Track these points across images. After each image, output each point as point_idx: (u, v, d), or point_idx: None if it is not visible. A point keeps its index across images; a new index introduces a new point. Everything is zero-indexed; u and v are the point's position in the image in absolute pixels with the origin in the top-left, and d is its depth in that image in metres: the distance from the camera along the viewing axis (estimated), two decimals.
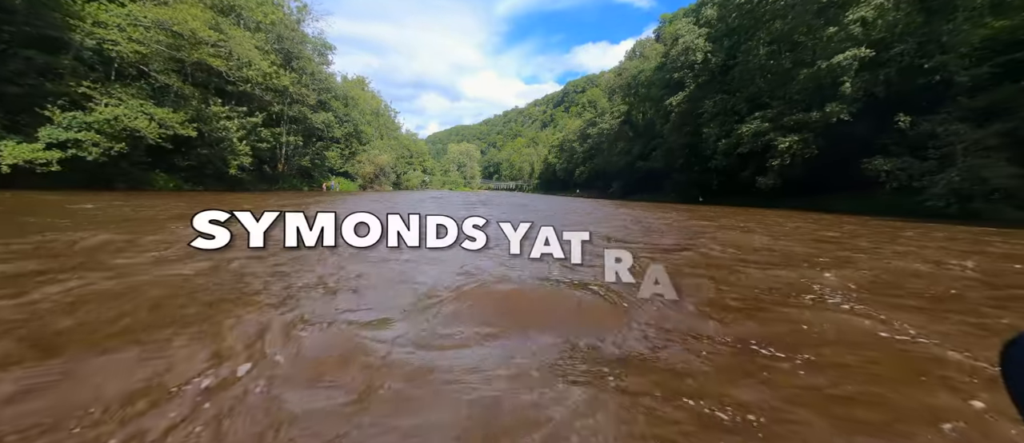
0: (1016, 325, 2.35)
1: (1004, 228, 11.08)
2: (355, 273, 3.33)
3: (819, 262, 4.49)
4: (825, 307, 2.76)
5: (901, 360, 1.92)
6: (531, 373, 1.71)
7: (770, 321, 2.46)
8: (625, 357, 1.93)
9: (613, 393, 1.56)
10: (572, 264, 3.25)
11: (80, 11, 14.63)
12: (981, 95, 17.98)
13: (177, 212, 8.39)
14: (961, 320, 2.47)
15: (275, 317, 2.44)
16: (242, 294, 2.82)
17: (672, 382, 1.65)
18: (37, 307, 2.31)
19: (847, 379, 1.69)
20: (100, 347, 1.83)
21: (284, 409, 1.37)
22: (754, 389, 1.59)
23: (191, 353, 1.79)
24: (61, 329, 2.03)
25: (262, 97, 25.54)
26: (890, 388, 1.63)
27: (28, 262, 3.36)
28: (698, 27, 31.61)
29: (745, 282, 3.40)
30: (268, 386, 1.52)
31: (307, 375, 1.65)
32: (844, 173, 22.40)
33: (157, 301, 2.57)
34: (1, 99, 13.20)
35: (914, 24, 20.98)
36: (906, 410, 1.47)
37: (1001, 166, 15.95)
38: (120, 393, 1.42)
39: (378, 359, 1.80)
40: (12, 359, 1.66)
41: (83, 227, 5.49)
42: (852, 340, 2.17)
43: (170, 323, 2.20)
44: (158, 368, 1.62)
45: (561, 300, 2.78)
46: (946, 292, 3.27)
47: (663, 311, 2.65)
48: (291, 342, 2.02)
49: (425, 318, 2.50)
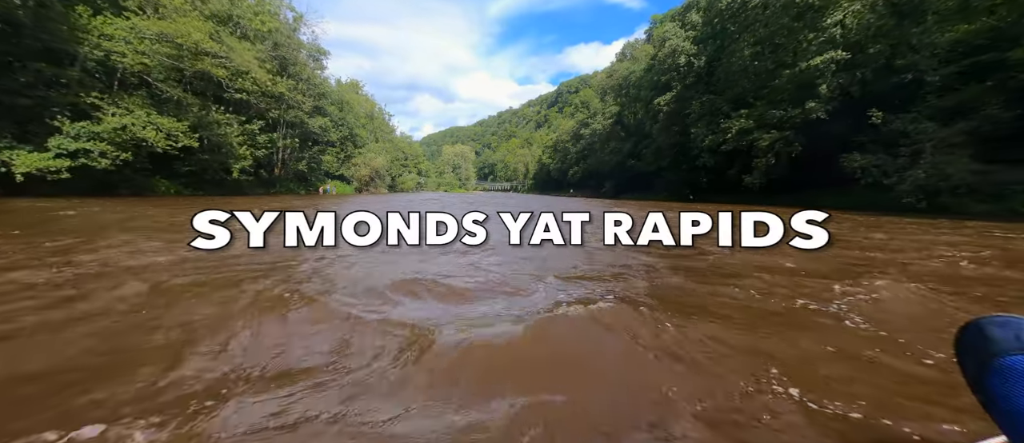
0: (971, 311, 2.42)
1: (967, 220, 12.01)
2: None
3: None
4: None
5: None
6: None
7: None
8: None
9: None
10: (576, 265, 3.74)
11: (86, 25, 15.20)
12: (949, 95, 19.02)
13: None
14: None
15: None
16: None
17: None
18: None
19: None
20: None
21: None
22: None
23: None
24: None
25: (259, 104, 26.11)
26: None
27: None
28: (684, 30, 32.58)
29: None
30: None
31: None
32: (827, 170, 23.35)
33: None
34: (12, 110, 13.74)
35: (887, 26, 22.01)
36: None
37: (964, 162, 16.95)
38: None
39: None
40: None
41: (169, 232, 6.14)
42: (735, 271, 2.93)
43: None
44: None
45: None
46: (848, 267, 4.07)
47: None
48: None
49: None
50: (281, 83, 25.70)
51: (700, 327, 2.15)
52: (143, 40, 16.04)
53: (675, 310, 2.49)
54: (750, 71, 27.76)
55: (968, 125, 17.81)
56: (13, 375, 1.55)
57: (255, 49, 23.89)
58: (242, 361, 1.68)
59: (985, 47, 18.52)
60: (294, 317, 2.19)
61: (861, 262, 4.40)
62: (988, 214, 15.15)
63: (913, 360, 1.83)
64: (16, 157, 13.16)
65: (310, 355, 1.75)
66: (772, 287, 3.11)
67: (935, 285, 3.25)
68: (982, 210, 16.10)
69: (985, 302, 2.94)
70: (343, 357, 1.73)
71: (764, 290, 3.02)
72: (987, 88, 17.88)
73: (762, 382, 1.56)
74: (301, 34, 32.98)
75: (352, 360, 1.70)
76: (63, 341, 1.88)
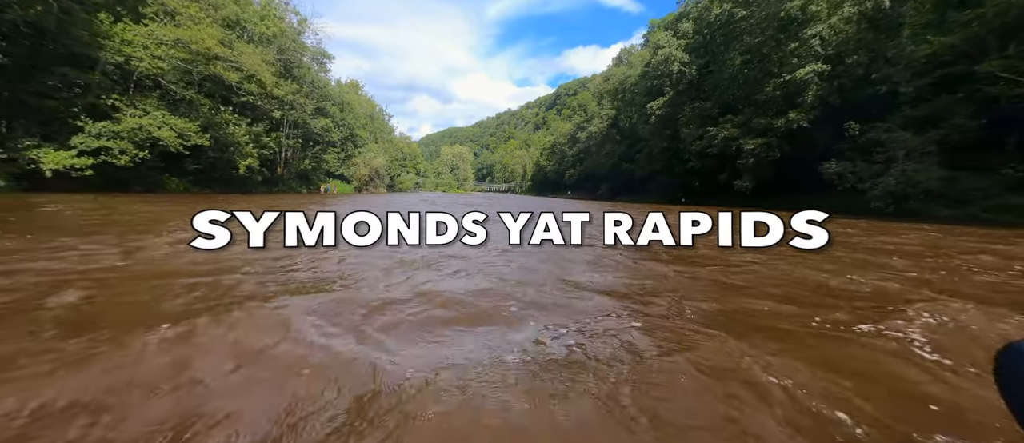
0: (1008, 335, 2.26)
1: (930, 223, 13.09)
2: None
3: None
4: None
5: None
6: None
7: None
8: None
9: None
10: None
11: (108, 31, 16.14)
12: (922, 105, 20.17)
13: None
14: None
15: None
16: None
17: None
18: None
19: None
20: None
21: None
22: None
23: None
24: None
25: (264, 106, 27.07)
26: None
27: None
28: (676, 39, 33.76)
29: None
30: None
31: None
32: (809, 175, 24.49)
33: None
34: (39, 111, 14.67)
35: (865, 40, 23.18)
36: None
37: (933, 170, 18.03)
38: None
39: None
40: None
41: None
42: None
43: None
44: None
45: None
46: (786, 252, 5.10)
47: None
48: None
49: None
50: (285, 85, 26.66)
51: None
52: (160, 45, 17.00)
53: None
54: (739, 79, 28.92)
55: (937, 134, 18.87)
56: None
57: (261, 53, 24.88)
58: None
59: (955, 60, 19.59)
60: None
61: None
62: (953, 218, 16.12)
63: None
64: (44, 155, 14.10)
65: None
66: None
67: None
68: (947, 215, 17.07)
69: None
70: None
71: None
72: (957, 99, 18.95)
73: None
74: (305, 37, 34.01)
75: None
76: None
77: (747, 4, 26.29)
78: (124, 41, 16.41)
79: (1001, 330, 2.29)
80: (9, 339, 1.84)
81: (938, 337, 2.14)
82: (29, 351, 1.71)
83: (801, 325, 2.32)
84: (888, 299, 2.94)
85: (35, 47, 14.60)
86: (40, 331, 1.95)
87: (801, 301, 2.78)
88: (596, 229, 5.17)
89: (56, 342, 1.83)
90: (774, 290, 3.04)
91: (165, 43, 17.10)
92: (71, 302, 2.40)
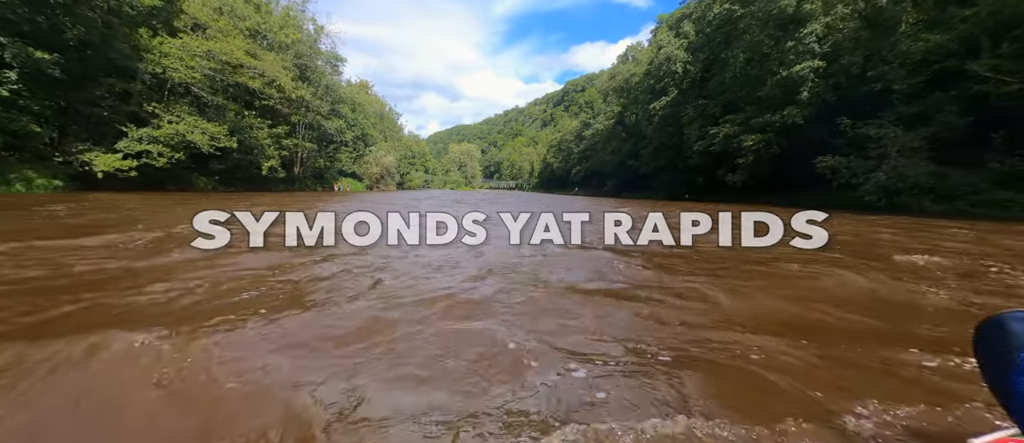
0: (991, 306, 2.21)
1: (917, 217, 13.93)
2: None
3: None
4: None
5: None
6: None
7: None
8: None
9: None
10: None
11: (147, 44, 17.68)
12: (916, 102, 20.83)
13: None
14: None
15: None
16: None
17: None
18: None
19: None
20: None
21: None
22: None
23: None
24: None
25: (283, 109, 28.61)
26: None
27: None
28: (677, 39, 34.55)
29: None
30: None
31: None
32: (807, 171, 25.23)
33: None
34: (89, 119, 16.25)
35: (862, 39, 23.82)
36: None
37: (922, 165, 18.72)
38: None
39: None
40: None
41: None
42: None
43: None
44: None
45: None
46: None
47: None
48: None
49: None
50: (302, 89, 28.15)
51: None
52: (194, 57, 18.52)
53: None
54: (740, 78, 29.67)
55: (928, 131, 19.50)
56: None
57: (280, 59, 26.39)
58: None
59: (948, 58, 20.16)
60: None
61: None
62: (941, 213, 16.80)
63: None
64: (96, 158, 15.68)
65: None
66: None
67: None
68: (937, 209, 17.77)
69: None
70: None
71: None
72: (949, 97, 19.57)
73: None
74: (321, 43, 35.52)
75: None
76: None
77: (746, 2, 27.03)
78: (162, 53, 17.95)
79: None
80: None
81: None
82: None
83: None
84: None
85: (84, 61, 16.13)
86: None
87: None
88: (597, 227, 5.19)
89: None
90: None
91: (198, 55, 18.61)
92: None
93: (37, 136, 14.57)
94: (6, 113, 13.63)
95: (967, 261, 4.51)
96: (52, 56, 13.72)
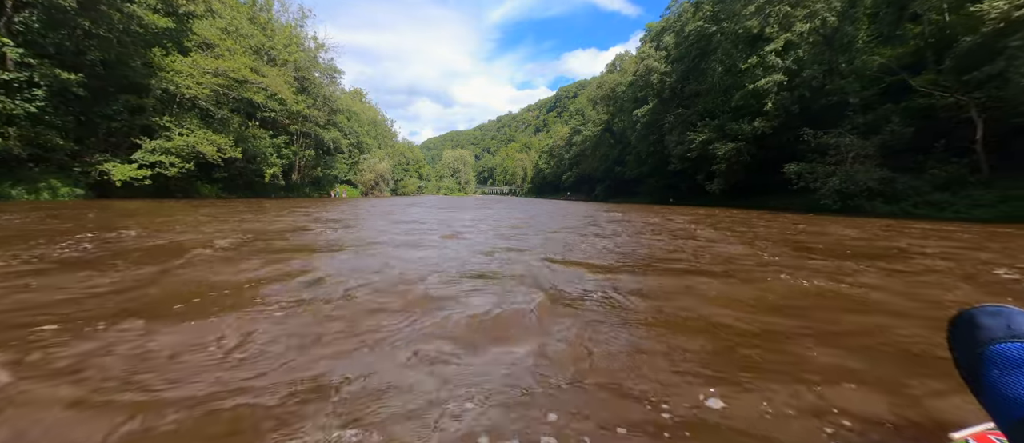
0: (961, 302, 2.31)
1: (868, 218, 15.61)
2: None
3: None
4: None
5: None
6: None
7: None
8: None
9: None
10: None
11: (159, 63, 19.14)
12: (870, 113, 22.78)
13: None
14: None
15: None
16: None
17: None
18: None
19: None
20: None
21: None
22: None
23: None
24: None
25: (283, 120, 30.07)
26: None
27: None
28: (657, 51, 36.57)
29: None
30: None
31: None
32: (778, 176, 27.08)
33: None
34: (107, 131, 17.64)
35: (822, 56, 25.85)
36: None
37: (873, 171, 20.54)
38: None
39: None
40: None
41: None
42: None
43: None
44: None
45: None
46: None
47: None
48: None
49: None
50: (301, 101, 29.64)
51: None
52: (204, 74, 19.98)
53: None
54: (717, 87, 31.61)
55: (879, 139, 21.38)
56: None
57: (282, 73, 27.93)
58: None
59: (898, 72, 22.09)
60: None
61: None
62: (889, 213, 18.59)
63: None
64: (114, 168, 17.05)
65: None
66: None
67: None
68: (885, 210, 19.56)
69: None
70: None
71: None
72: (899, 108, 21.49)
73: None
74: (319, 57, 37.11)
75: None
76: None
77: (716, 21, 29.04)
78: (174, 71, 19.41)
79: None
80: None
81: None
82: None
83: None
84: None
85: (102, 78, 17.52)
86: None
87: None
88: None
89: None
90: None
91: (207, 72, 20.09)
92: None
93: (60, 148, 15.91)
94: (33, 127, 14.98)
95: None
96: (77, 76, 15.12)
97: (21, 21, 14.37)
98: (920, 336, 2.18)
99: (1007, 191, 16.45)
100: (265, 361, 1.68)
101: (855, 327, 2.33)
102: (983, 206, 16.44)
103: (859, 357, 1.87)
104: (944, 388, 1.53)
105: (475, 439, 1.19)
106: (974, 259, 4.83)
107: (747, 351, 1.92)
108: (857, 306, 2.79)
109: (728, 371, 1.69)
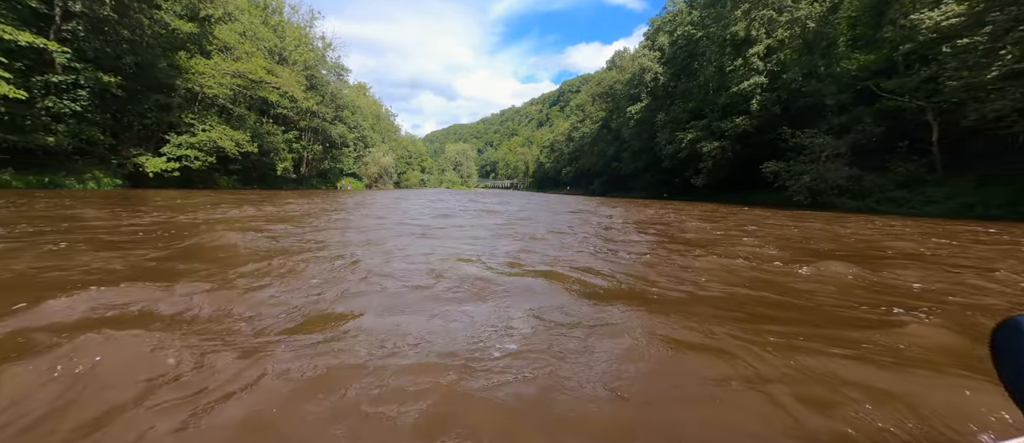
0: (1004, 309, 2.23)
1: (836, 213, 16.99)
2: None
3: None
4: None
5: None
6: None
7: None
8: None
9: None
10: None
11: (185, 65, 20.95)
12: (844, 114, 24.28)
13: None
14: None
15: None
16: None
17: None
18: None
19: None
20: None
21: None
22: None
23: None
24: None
25: (294, 117, 31.88)
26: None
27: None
28: (651, 51, 38.02)
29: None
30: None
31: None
32: (758, 174, 28.65)
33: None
34: (140, 128, 19.52)
35: (802, 60, 27.32)
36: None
37: (842, 169, 22.07)
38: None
39: None
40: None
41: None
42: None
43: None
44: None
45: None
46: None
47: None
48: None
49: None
50: (311, 98, 31.41)
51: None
52: (225, 76, 21.79)
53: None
54: (706, 86, 33.12)
55: (851, 139, 22.84)
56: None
57: (293, 73, 29.72)
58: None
59: (871, 76, 23.46)
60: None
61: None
62: (855, 209, 20.10)
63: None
64: (147, 161, 18.97)
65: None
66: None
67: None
68: (852, 206, 21.11)
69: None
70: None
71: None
72: (871, 110, 22.89)
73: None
74: (327, 56, 38.85)
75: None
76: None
77: (703, 26, 30.51)
78: (198, 72, 21.23)
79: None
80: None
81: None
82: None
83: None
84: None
85: (135, 79, 19.33)
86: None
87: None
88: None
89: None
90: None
91: (227, 73, 21.90)
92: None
93: (101, 143, 17.79)
94: (78, 125, 16.85)
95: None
96: (117, 79, 16.96)
97: (68, 29, 16.16)
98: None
99: (956, 189, 18.10)
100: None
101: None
102: (935, 203, 18.08)
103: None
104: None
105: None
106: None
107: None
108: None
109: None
